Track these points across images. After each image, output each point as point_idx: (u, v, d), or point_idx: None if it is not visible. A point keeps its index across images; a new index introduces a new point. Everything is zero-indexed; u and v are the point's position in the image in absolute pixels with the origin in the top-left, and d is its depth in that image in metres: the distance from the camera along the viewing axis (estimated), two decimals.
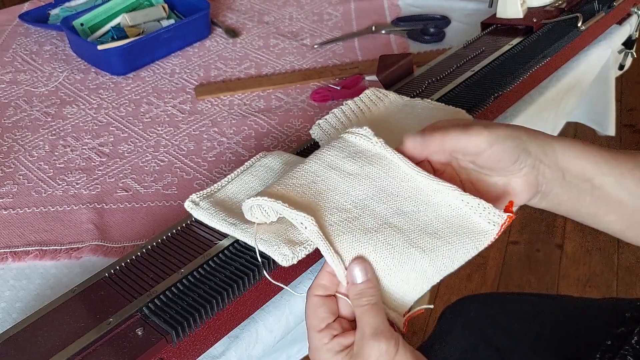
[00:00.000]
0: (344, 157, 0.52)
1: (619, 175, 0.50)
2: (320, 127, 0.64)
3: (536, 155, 0.48)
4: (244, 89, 0.90)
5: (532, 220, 1.85)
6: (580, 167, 0.50)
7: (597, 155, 0.50)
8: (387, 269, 0.46)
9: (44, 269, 0.63)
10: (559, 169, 0.49)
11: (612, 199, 0.50)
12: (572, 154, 0.49)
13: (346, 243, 0.47)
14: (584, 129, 1.24)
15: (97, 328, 0.47)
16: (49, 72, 0.98)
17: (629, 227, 0.52)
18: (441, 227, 0.47)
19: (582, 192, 0.51)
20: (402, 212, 0.48)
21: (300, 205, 0.48)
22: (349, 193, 0.50)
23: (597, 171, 0.50)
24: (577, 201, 0.51)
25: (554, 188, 0.50)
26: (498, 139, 0.47)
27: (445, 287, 1.66)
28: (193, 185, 0.73)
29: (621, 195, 0.50)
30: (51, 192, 0.73)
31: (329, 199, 0.49)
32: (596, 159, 0.50)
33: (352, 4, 1.14)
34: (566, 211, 0.52)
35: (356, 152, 0.52)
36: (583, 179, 0.50)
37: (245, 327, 0.56)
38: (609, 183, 0.50)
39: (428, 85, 0.77)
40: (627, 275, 1.68)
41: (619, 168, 0.50)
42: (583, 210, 0.52)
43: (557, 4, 0.92)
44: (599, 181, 0.50)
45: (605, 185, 0.50)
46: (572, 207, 0.52)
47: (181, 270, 0.52)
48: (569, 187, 0.50)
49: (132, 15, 1.01)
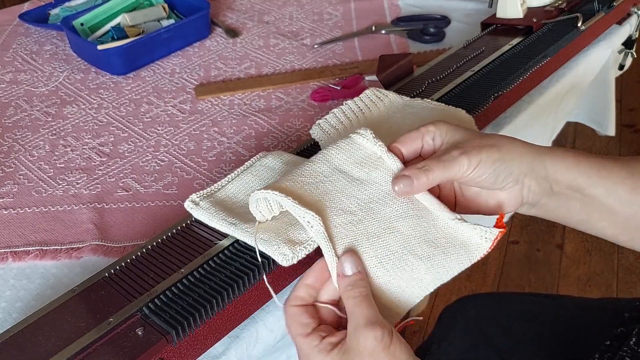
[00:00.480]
0: (351, 162, 0.52)
1: (610, 185, 0.50)
2: (320, 127, 0.64)
3: (520, 172, 0.50)
4: (244, 89, 0.90)
5: (532, 220, 1.85)
6: (571, 179, 0.50)
7: (588, 167, 0.50)
8: (386, 275, 0.47)
9: (45, 268, 0.63)
10: (548, 181, 0.51)
11: (603, 207, 0.51)
12: (563, 166, 0.50)
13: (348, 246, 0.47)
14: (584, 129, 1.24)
15: (97, 328, 0.47)
16: (49, 72, 0.98)
17: (622, 232, 0.52)
18: (439, 237, 0.49)
19: (571, 200, 0.51)
20: (406, 216, 0.49)
21: (307, 203, 0.48)
22: (355, 196, 0.50)
23: (588, 182, 0.50)
24: (566, 209, 0.52)
25: (542, 199, 0.51)
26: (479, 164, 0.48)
27: (445, 287, 1.65)
28: (193, 185, 0.73)
29: (613, 204, 0.51)
30: (51, 192, 0.73)
31: (335, 200, 0.50)
32: (587, 170, 0.50)
33: (352, 4, 1.14)
34: (556, 218, 0.54)
35: (363, 158, 0.53)
36: (573, 190, 0.51)
37: (245, 327, 0.56)
38: (600, 193, 0.50)
39: (428, 85, 0.77)
40: (627, 275, 1.68)
41: (610, 178, 0.50)
42: (574, 217, 0.53)
43: (557, 4, 0.92)
44: (590, 192, 0.51)
45: (596, 195, 0.51)
46: (562, 214, 0.53)
47: (181, 270, 0.52)
48: (557, 197, 0.51)
49: (132, 15, 1.01)
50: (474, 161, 0.48)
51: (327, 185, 0.51)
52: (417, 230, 0.48)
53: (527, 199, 0.51)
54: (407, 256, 0.47)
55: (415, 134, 0.52)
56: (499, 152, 0.49)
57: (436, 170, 0.49)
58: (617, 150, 2.07)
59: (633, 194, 0.50)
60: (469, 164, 0.48)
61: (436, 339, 0.84)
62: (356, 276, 0.45)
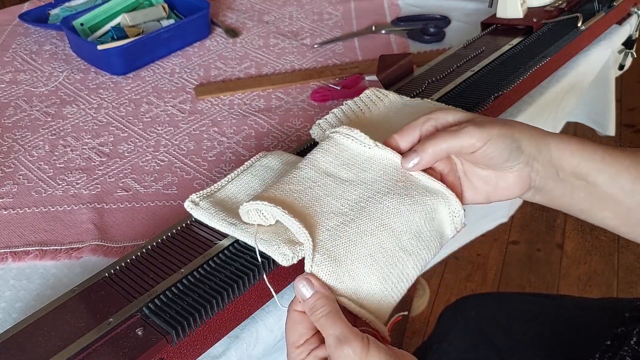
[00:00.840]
0: (338, 164, 0.53)
1: (614, 172, 0.50)
2: (320, 127, 0.64)
3: (529, 153, 0.49)
4: (244, 89, 0.90)
5: (532, 220, 1.85)
6: (574, 165, 0.50)
7: (592, 153, 0.50)
8: (380, 272, 0.47)
9: (44, 269, 0.63)
10: (553, 166, 0.50)
11: (606, 196, 0.51)
12: (567, 151, 0.50)
13: (342, 247, 0.47)
14: (584, 129, 1.24)
15: (97, 328, 0.47)
16: (49, 72, 0.98)
17: (624, 223, 0.52)
18: (425, 230, 0.49)
19: (575, 189, 0.51)
20: (397, 212, 0.49)
21: (296, 211, 0.49)
22: (344, 197, 0.51)
23: (592, 169, 0.50)
24: (570, 197, 0.51)
25: (548, 184, 0.51)
26: (490, 138, 0.48)
27: (445, 287, 1.66)
28: (193, 185, 0.73)
29: (616, 193, 0.50)
30: (51, 192, 0.73)
31: (326, 204, 0.50)
32: (592, 156, 0.50)
33: (352, 4, 1.14)
34: (559, 206, 0.53)
35: (350, 158, 0.53)
36: (577, 177, 0.50)
37: (245, 327, 0.56)
38: (603, 181, 0.50)
39: (428, 85, 0.77)
40: (627, 275, 1.68)
41: (614, 165, 0.50)
42: (577, 206, 0.52)
43: (557, 4, 0.92)
44: (593, 179, 0.50)
45: (599, 183, 0.50)
46: (566, 202, 0.52)
47: (181, 270, 0.52)
48: (563, 184, 0.51)
49: (132, 15, 1.01)
50: (485, 134, 0.47)
51: (317, 191, 0.51)
52: (409, 224, 0.49)
53: (535, 182, 0.51)
54: (399, 252, 0.48)
55: (414, 123, 0.52)
56: (511, 129, 0.48)
57: (443, 141, 0.48)
58: None
59: (636, 183, 0.50)
60: (479, 135, 0.47)
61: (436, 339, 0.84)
62: (313, 297, 0.44)
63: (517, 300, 0.85)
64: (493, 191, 0.52)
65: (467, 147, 0.48)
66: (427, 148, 0.49)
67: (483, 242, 1.79)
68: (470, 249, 1.76)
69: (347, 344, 0.41)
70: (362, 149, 0.53)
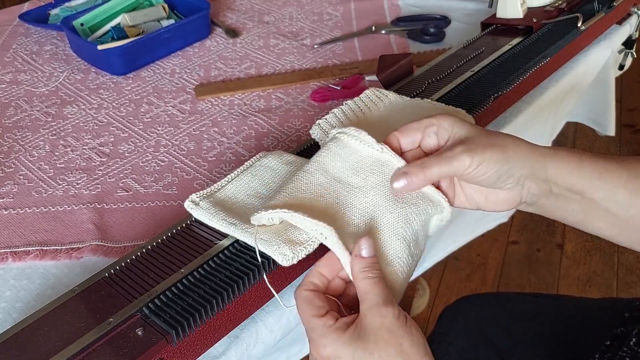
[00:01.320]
0: (347, 169, 0.53)
1: (611, 188, 0.50)
2: (320, 127, 0.64)
3: (521, 174, 0.50)
4: (244, 89, 0.90)
5: (532, 220, 1.85)
6: (571, 183, 0.50)
7: (590, 170, 0.50)
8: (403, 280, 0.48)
9: (45, 268, 0.63)
10: (547, 183, 0.50)
11: (602, 210, 0.51)
12: (564, 170, 0.50)
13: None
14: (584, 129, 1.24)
15: (97, 328, 0.47)
16: (49, 72, 0.98)
17: (619, 233, 0.52)
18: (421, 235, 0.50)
19: (570, 202, 0.51)
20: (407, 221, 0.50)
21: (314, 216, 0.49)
22: (355, 206, 0.51)
23: (589, 186, 0.50)
24: (564, 210, 0.52)
25: (540, 199, 0.52)
26: (481, 163, 0.48)
27: (445, 287, 1.66)
28: (193, 185, 0.73)
29: (612, 207, 0.51)
30: (51, 192, 0.73)
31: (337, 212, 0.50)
32: (589, 174, 0.50)
33: (352, 4, 1.14)
34: (554, 216, 0.54)
35: (358, 162, 0.53)
36: (573, 192, 0.51)
37: (245, 327, 0.56)
38: (600, 197, 0.50)
39: (428, 85, 0.77)
40: (627, 275, 1.68)
41: (611, 182, 0.50)
42: (571, 218, 0.53)
43: (557, 4, 0.92)
44: (589, 195, 0.51)
45: (596, 198, 0.51)
46: (560, 214, 0.53)
47: (181, 270, 0.52)
48: (556, 198, 0.51)
49: (132, 15, 1.01)
50: (476, 160, 0.48)
51: (328, 199, 0.51)
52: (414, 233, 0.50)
53: (526, 199, 0.51)
54: (408, 259, 0.48)
55: (417, 125, 0.52)
56: (504, 153, 0.49)
57: (434, 167, 0.49)
58: (617, 150, 2.07)
59: (633, 197, 0.50)
60: (471, 162, 0.48)
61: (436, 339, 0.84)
62: (372, 259, 0.46)
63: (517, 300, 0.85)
64: (484, 202, 0.53)
65: (458, 173, 0.50)
66: (419, 173, 0.50)
67: (483, 242, 1.79)
68: (470, 249, 1.76)
69: (395, 305, 0.43)
70: (369, 151, 0.53)
